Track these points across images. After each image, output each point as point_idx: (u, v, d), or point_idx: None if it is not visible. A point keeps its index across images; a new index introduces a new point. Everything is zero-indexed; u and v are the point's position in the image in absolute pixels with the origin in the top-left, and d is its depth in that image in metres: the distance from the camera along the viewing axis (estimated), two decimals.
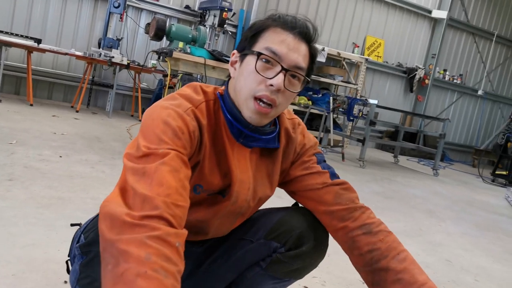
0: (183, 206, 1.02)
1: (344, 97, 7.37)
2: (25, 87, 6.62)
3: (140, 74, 6.94)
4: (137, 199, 0.98)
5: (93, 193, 2.97)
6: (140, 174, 1.03)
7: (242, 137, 1.29)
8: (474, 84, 11.56)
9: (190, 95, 1.23)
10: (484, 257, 3.36)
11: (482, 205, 5.60)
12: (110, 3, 6.68)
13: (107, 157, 4.06)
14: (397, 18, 10.15)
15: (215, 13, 7.04)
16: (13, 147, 3.70)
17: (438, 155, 7.57)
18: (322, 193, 1.38)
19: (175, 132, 1.10)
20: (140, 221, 0.93)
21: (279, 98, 1.22)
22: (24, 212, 2.41)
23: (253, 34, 1.25)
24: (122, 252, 0.90)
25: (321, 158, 1.46)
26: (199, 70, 4.88)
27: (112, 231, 0.93)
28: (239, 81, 1.25)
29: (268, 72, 1.21)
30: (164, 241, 0.92)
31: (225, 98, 1.29)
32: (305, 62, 1.25)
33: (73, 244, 1.28)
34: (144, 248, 0.89)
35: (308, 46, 1.26)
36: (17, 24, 6.65)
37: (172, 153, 1.07)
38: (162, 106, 1.17)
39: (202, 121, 1.21)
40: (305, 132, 1.47)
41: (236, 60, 1.29)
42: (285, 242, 1.40)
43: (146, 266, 0.87)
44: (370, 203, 4.32)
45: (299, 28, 1.24)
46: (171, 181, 1.02)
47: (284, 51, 1.20)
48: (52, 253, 2.01)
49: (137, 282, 0.86)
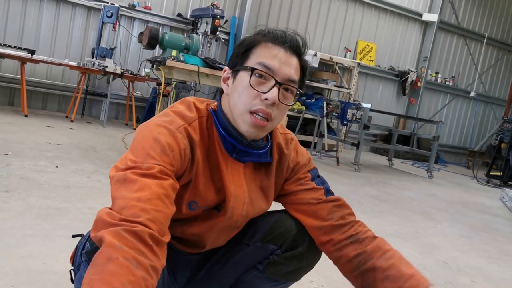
0: (164, 211, 1.05)
1: (337, 102, 7.42)
2: (19, 98, 6.62)
3: (133, 83, 6.95)
4: (117, 207, 1.02)
5: (90, 202, 2.98)
6: (121, 181, 1.07)
7: (235, 152, 1.31)
8: (466, 86, 11.66)
9: (183, 112, 1.25)
10: (480, 258, 3.38)
11: (477, 207, 5.64)
12: (103, 13, 6.70)
13: (103, 166, 4.07)
14: (388, 22, 10.23)
15: (207, 20, 7.08)
16: (8, 158, 3.70)
17: (432, 157, 7.61)
18: (316, 208, 1.41)
19: (163, 148, 1.13)
20: (120, 221, 0.98)
21: (274, 111, 1.24)
22: (21, 224, 2.41)
23: (244, 50, 1.27)
24: (98, 239, 0.96)
25: (315, 174, 1.48)
26: (193, 78, 4.90)
27: (94, 230, 0.99)
28: (233, 97, 1.27)
29: (262, 87, 1.23)
30: (139, 237, 0.96)
31: (218, 113, 1.31)
32: (297, 75, 1.28)
33: (78, 253, 1.30)
34: (118, 238, 0.93)
35: (299, 59, 1.29)
36: (10, 35, 6.65)
37: (157, 167, 1.09)
38: (155, 123, 1.20)
39: (194, 138, 1.23)
40: (298, 148, 1.48)
41: (228, 77, 1.31)
42: (281, 244, 1.43)
43: (119, 253, 0.91)
44: (366, 207, 4.36)
45: (289, 42, 1.26)
46: (153, 187, 1.05)
47: (276, 65, 1.23)
48: (51, 264, 2.01)
49: (108, 266, 0.89)
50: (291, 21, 9.00)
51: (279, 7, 8.88)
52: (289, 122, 7.98)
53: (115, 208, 1.03)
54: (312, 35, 9.29)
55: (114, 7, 6.71)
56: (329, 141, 8.16)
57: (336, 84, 8.96)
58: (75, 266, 1.32)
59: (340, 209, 1.42)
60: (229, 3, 8.32)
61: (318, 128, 7.69)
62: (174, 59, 4.86)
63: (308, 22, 9.22)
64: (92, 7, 7.14)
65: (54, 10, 6.94)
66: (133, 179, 1.06)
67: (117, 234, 0.94)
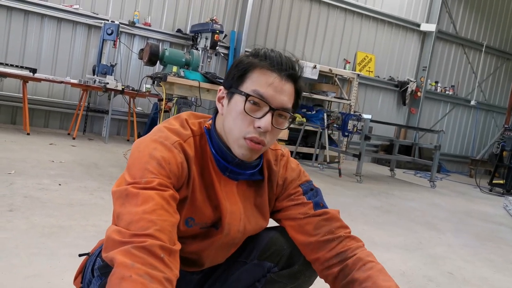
0: (170, 220, 1.08)
1: (338, 113, 7.44)
2: (21, 116, 6.65)
3: (134, 99, 6.99)
4: (124, 222, 1.04)
5: (94, 220, 2.98)
6: (124, 197, 1.10)
7: (228, 171, 1.33)
8: (466, 95, 11.69)
9: (178, 130, 1.27)
10: (486, 268, 3.37)
11: (480, 215, 5.63)
12: (103, 30, 6.76)
13: (105, 183, 4.07)
14: (386, 33, 10.30)
15: (206, 35, 7.14)
16: (11, 177, 3.71)
17: (434, 166, 7.60)
18: (303, 223, 1.39)
19: (159, 162, 1.16)
20: (129, 238, 1.00)
21: (267, 137, 1.26)
22: (26, 243, 2.41)
23: (240, 74, 1.28)
24: (110, 260, 0.98)
25: (307, 188, 1.46)
26: (193, 93, 4.93)
27: (105, 250, 1.02)
28: (227, 120, 1.28)
29: (256, 113, 1.24)
30: (149, 251, 0.98)
31: (212, 133, 1.33)
32: (291, 101, 1.29)
33: (87, 270, 1.31)
34: (129, 257, 0.96)
35: (294, 84, 1.29)
36: (12, 54, 6.72)
37: (156, 181, 1.12)
38: (151, 139, 1.23)
39: (190, 154, 1.25)
40: (288, 164, 1.47)
41: (223, 96, 1.32)
42: (277, 262, 1.42)
43: (131, 271, 0.93)
44: (369, 218, 4.35)
45: (285, 69, 1.26)
46: (156, 198, 1.08)
47: (271, 94, 1.24)
48: (56, 283, 2.01)
49: (122, 285, 0.91)
50: (289, 34, 9.06)
51: (278, 20, 8.95)
52: (290, 134, 8.00)
53: (122, 224, 1.05)
54: (311, 48, 9.36)
55: (114, 24, 6.78)
56: (331, 153, 8.17)
57: (336, 95, 9.00)
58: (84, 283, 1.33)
59: (328, 223, 1.39)
60: (228, 18, 8.40)
61: (319, 140, 7.70)
62: (175, 75, 4.90)
63: (306, 35, 9.28)
64: (93, 25, 7.21)
65: (55, 29, 7.01)
66: (135, 193, 1.09)
67: (127, 253, 0.96)
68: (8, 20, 6.68)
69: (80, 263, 1.44)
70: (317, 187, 1.49)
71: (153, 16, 7.71)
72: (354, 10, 9.70)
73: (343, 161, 8.44)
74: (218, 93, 1.34)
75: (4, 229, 2.56)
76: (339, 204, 4.68)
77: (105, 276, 1.25)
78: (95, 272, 1.26)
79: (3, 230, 2.54)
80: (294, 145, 7.84)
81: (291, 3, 9.02)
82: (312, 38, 9.38)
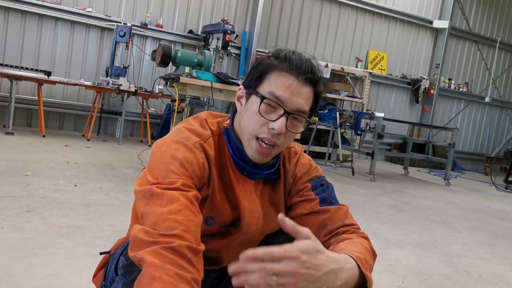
0: (194, 220, 1.09)
1: (350, 112, 7.41)
2: (36, 119, 6.74)
3: (147, 100, 7.04)
4: (149, 222, 1.06)
5: (109, 220, 3.02)
6: (148, 197, 1.11)
7: (245, 170, 1.34)
8: (480, 92, 11.56)
9: (198, 130, 1.29)
10: (502, 266, 3.34)
11: (496, 213, 5.57)
12: (116, 32, 6.82)
13: (120, 183, 4.12)
14: (398, 30, 10.23)
15: (218, 36, 7.17)
16: (28, 178, 3.77)
17: (448, 164, 7.53)
18: (307, 223, 1.37)
19: (181, 163, 1.17)
20: (156, 238, 1.01)
21: (280, 139, 1.26)
22: (44, 243, 2.45)
23: (259, 75, 1.27)
24: (138, 260, 0.99)
25: (317, 183, 1.43)
26: (206, 94, 4.95)
27: (132, 249, 1.03)
28: (243, 119, 1.29)
29: (271, 114, 1.24)
30: (178, 252, 0.99)
31: (230, 132, 1.34)
32: (308, 104, 1.27)
33: (110, 268, 1.33)
34: (158, 257, 0.97)
35: (313, 87, 1.28)
36: (27, 57, 6.82)
37: (179, 181, 1.13)
38: (172, 139, 1.23)
39: (210, 154, 1.26)
40: (299, 160, 1.46)
41: (242, 95, 1.33)
42: None
43: (161, 271, 0.95)
44: (383, 217, 4.33)
45: (304, 72, 1.25)
46: (180, 199, 1.09)
47: (287, 96, 1.23)
48: (74, 282, 2.04)
49: (153, 285, 0.93)
50: (301, 33, 9.06)
51: (289, 20, 8.95)
52: (303, 133, 7.99)
53: (147, 224, 1.06)
54: (322, 46, 9.34)
55: (127, 26, 6.83)
56: (344, 152, 8.15)
57: (348, 94, 8.97)
58: (107, 281, 1.35)
59: (332, 221, 1.36)
60: (239, 18, 8.42)
61: (332, 138, 7.68)
62: (188, 76, 4.93)
63: (318, 34, 9.27)
64: (105, 27, 7.28)
65: (68, 32, 7.09)
66: (159, 193, 1.10)
67: (156, 253, 0.98)
68: (22, 23, 6.78)
69: (100, 261, 1.46)
70: (330, 183, 1.47)
71: (164, 17, 7.76)
72: (365, 8, 9.66)
73: (356, 159, 8.41)
74: (237, 92, 1.35)
75: (23, 229, 2.61)
76: (353, 203, 4.66)
77: (129, 275, 1.27)
78: (119, 270, 1.27)
79: (22, 231, 2.58)
80: (307, 144, 7.83)
81: (302, 2, 9.01)
82: (324, 37, 9.36)
